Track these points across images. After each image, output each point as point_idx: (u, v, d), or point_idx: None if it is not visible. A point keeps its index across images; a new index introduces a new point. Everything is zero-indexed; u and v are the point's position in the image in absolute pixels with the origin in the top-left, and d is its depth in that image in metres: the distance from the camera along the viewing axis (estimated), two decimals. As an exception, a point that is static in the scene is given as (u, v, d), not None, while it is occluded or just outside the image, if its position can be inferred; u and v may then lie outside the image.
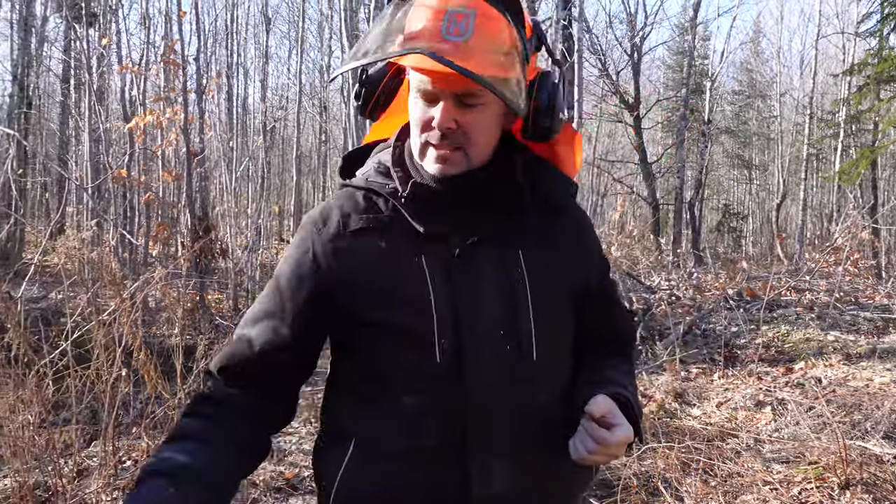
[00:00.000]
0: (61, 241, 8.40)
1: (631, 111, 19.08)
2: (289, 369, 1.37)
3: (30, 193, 17.74)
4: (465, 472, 1.25)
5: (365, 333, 1.29)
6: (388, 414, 1.28)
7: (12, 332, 3.80)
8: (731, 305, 8.41)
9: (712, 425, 4.89)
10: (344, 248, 1.31)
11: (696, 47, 21.65)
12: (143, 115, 8.75)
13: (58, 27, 19.92)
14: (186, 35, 14.82)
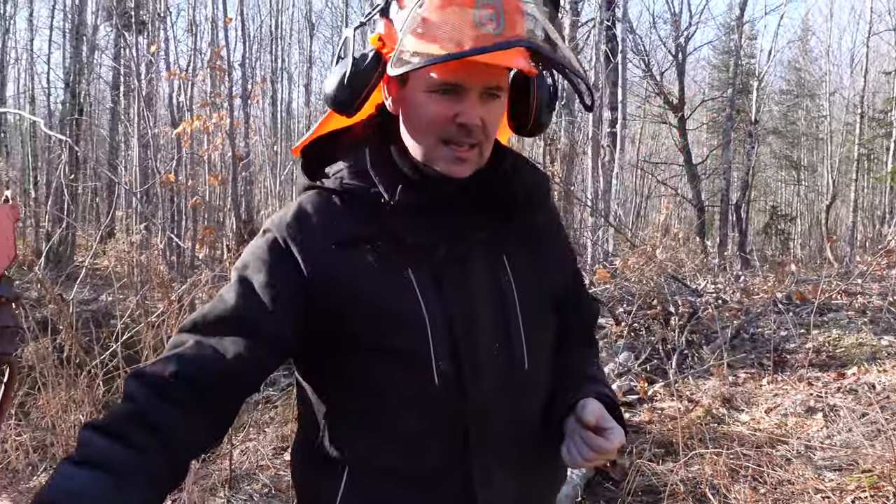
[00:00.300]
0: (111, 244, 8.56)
1: (675, 112, 18.84)
2: (250, 389, 1.25)
3: (81, 198, 18.15)
4: (469, 487, 1.25)
5: (355, 354, 1.22)
6: (386, 435, 1.23)
7: (64, 334, 3.89)
8: (780, 309, 8.23)
9: (761, 431, 4.79)
10: (330, 261, 1.21)
11: (743, 46, 21.31)
12: (189, 121, 8.89)
13: (108, 35, 20.42)
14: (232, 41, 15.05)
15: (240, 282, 1.22)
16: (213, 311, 1.20)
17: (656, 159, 25.90)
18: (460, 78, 1.17)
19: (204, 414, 1.13)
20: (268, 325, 1.18)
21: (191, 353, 1.16)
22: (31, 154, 18.38)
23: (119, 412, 1.10)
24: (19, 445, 3.58)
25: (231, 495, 3.77)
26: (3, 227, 1.15)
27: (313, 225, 1.23)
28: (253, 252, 1.24)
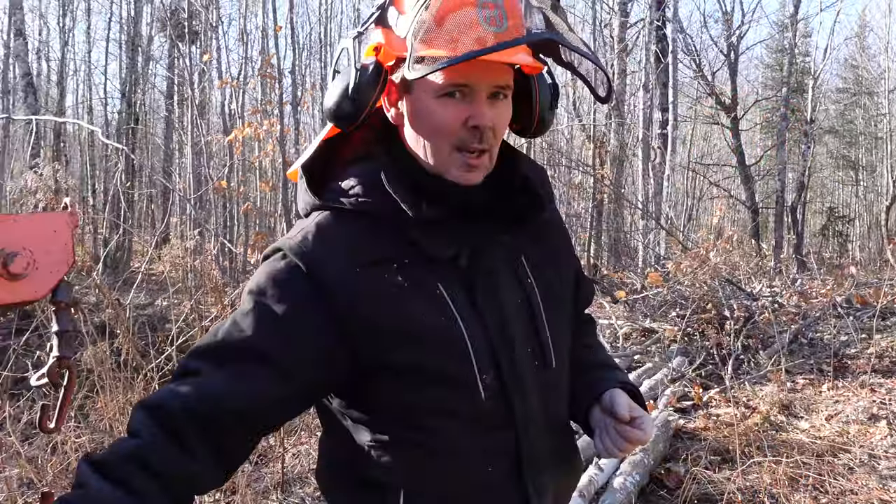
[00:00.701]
0: (166, 250, 8.75)
1: (728, 112, 18.51)
2: (265, 427, 1.20)
3: (137, 205, 18.56)
4: (525, 494, 1.24)
5: (396, 380, 1.17)
6: (437, 458, 1.19)
7: (121, 338, 3.96)
8: (840, 313, 8.01)
9: (822, 439, 4.66)
10: (357, 287, 1.14)
11: (797, 44, 20.84)
12: (241, 128, 9.03)
13: (162, 46, 20.88)
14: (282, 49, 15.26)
15: (257, 310, 1.13)
16: (229, 338, 1.13)
17: (708, 161, 25.47)
18: (469, 79, 1.15)
19: (212, 454, 1.08)
20: (289, 361, 1.12)
21: (202, 385, 1.09)
22: (90, 163, 18.87)
23: (121, 450, 1.06)
24: (78, 447, 3.66)
25: (283, 498, 3.80)
26: (62, 234, 1.16)
27: (334, 248, 1.16)
28: (271, 277, 1.16)
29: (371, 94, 1.19)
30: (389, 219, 1.18)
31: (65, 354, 1.18)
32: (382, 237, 1.18)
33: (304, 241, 1.17)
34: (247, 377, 1.10)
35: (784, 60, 19.89)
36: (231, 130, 10.35)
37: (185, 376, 1.11)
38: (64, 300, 1.17)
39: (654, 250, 11.78)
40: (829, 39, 28.64)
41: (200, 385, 1.09)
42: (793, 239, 18.32)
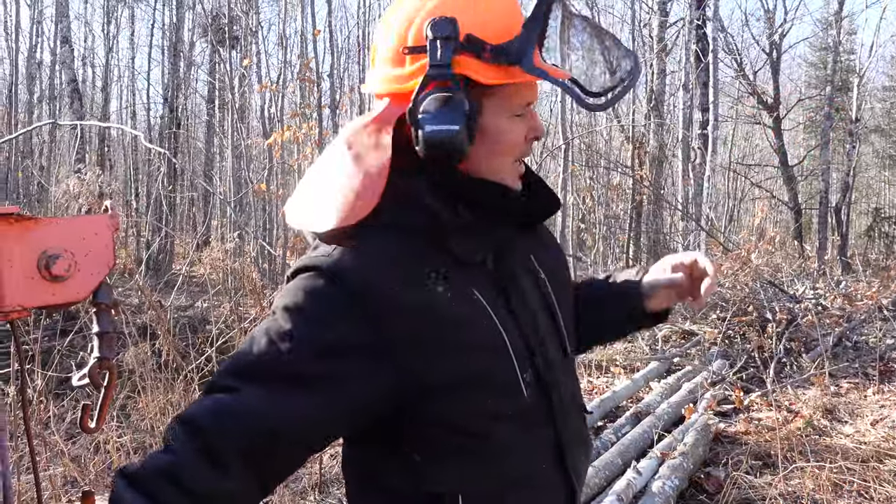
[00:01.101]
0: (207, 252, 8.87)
1: (770, 112, 18.24)
2: (309, 451, 1.17)
3: (179, 208, 18.84)
4: (569, 480, 1.28)
5: (446, 394, 1.14)
6: (491, 462, 1.20)
7: (163, 339, 4.02)
8: (886, 316, 7.83)
9: (867, 444, 4.57)
10: (405, 304, 1.11)
11: (842, 42, 20.43)
12: (280, 131, 9.12)
13: (203, 51, 21.20)
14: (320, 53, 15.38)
15: (297, 330, 1.09)
16: (267, 358, 1.09)
17: (750, 161, 25.10)
18: (535, 95, 1.22)
19: (248, 473, 1.06)
20: (330, 384, 1.09)
21: (239, 402, 1.06)
22: (133, 167, 19.24)
23: (155, 465, 1.04)
24: (120, 447, 3.72)
25: (321, 499, 3.82)
26: (103, 237, 1.18)
27: (376, 265, 1.12)
28: (310, 295, 1.11)
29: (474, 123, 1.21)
30: (427, 230, 1.17)
31: (105, 355, 1.20)
32: (420, 249, 1.17)
33: (343, 259, 1.12)
34: (286, 399, 1.07)
35: (828, 58, 19.53)
36: (270, 134, 10.47)
37: (222, 391, 1.08)
38: (105, 302, 1.19)
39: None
40: (875, 36, 28.05)
41: (238, 403, 1.06)
42: (837, 240, 17.97)
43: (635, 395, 5.87)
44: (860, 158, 24.20)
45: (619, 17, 18.60)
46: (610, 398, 5.44)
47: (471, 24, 1.13)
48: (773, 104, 18.01)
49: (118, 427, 3.94)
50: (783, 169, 18.45)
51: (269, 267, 11.20)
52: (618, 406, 5.49)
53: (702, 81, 13.20)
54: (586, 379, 6.40)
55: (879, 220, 25.40)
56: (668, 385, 5.85)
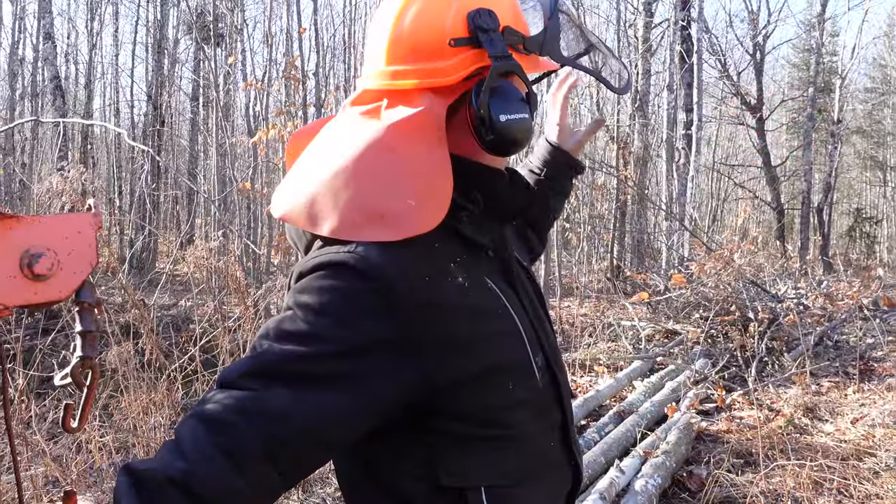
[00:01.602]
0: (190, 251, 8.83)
1: (753, 113, 18.36)
2: (331, 451, 1.15)
3: (162, 206, 18.76)
4: (576, 462, 1.33)
5: (471, 386, 1.14)
6: (512, 449, 1.20)
7: (146, 338, 4.00)
8: (867, 315, 7.92)
9: (847, 443, 4.61)
10: (431, 298, 1.10)
11: (824, 44, 20.62)
12: (265, 130, 9.08)
13: (188, 49, 21.12)
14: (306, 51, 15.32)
15: (321, 331, 1.06)
16: (288, 358, 1.05)
17: (733, 161, 25.28)
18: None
19: (265, 477, 1.02)
20: (359, 383, 1.06)
21: (263, 402, 1.02)
22: (116, 164, 19.13)
23: (165, 471, 0.98)
24: (102, 446, 3.70)
25: (304, 498, 3.82)
26: (86, 235, 1.17)
27: (399, 260, 1.09)
28: (334, 293, 1.08)
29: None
30: (444, 219, 1.14)
31: (88, 354, 1.19)
32: (438, 240, 1.15)
33: (369, 254, 1.08)
34: (312, 399, 1.04)
35: (811, 60, 19.70)
36: (255, 132, 10.42)
37: (234, 389, 1.03)
38: (87, 300, 1.19)
39: (678, 252, 11.70)
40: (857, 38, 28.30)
41: (262, 402, 1.02)
42: (819, 240, 18.13)
43: (619, 393, 5.90)
44: (842, 159, 24.43)
45: (605, 17, 18.67)
46: (593, 397, 5.47)
47: (504, 17, 1.17)
48: (757, 105, 18.13)
49: (100, 427, 3.92)
50: (766, 169, 18.59)
51: (253, 266, 11.17)
52: (601, 405, 5.52)
53: (686, 82, 13.28)
54: (570, 378, 6.42)
55: (860, 220, 25.68)
56: (651, 384, 5.89)
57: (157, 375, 4.01)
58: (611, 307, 10.50)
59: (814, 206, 18.11)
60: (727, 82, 18.77)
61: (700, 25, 12.75)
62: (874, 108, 29.44)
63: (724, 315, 7.36)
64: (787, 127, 26.12)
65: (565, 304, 11.24)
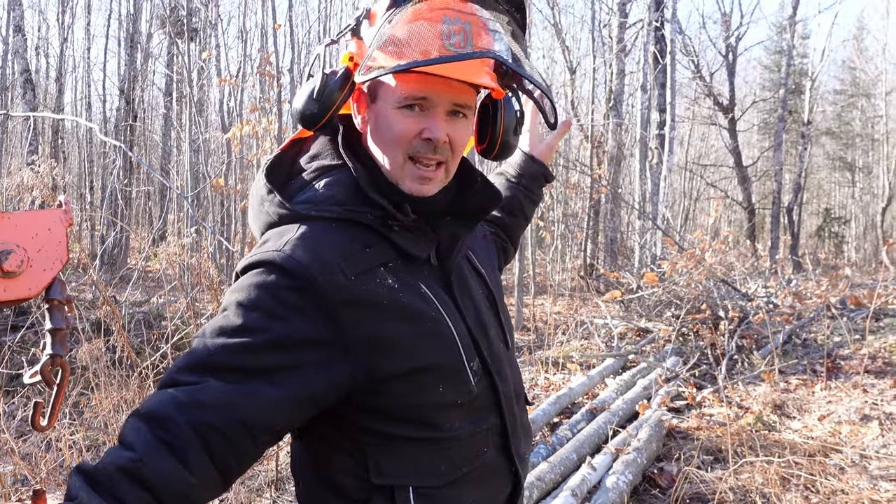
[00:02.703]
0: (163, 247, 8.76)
1: (725, 113, 18.57)
2: (266, 442, 1.15)
3: (134, 202, 18.55)
4: (513, 466, 1.35)
5: (398, 385, 1.18)
6: (442, 449, 1.24)
7: (117, 335, 3.97)
8: (834, 314, 8.05)
9: (814, 439, 4.69)
10: (356, 296, 1.15)
11: (795, 46, 20.86)
12: (239, 126, 9.02)
13: (161, 43, 20.90)
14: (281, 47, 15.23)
15: (251, 324, 1.11)
16: (223, 353, 1.10)
17: (705, 161, 25.53)
18: (428, 92, 1.19)
19: (209, 465, 1.06)
20: (288, 375, 1.11)
21: (199, 394, 1.07)
22: (87, 160, 18.88)
23: (114, 461, 1.02)
24: (72, 444, 3.67)
25: (277, 496, 3.81)
26: (56, 232, 1.17)
27: (327, 259, 1.15)
28: (264, 290, 1.13)
29: (336, 97, 1.23)
30: (375, 225, 1.22)
31: (58, 352, 1.18)
32: (369, 244, 1.21)
33: (295, 253, 1.15)
34: (245, 391, 1.08)
35: (782, 62, 19.93)
36: (229, 128, 10.35)
37: (175, 386, 1.08)
38: (58, 298, 1.18)
39: (651, 250, 11.80)
40: (827, 41, 28.73)
41: (198, 395, 1.06)
42: (788, 240, 18.38)
43: (591, 391, 5.94)
44: (811, 160, 24.76)
45: (580, 17, 18.77)
46: (566, 394, 5.51)
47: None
48: (729, 106, 18.34)
49: (70, 425, 3.88)
50: (737, 169, 18.81)
51: (226, 262, 11.10)
52: (574, 402, 5.56)
53: (659, 82, 13.39)
54: (543, 376, 6.46)
55: (829, 220, 26.08)
56: (623, 381, 5.94)
57: (128, 373, 3.97)
58: (584, 305, 10.57)
59: (784, 206, 18.35)
60: (700, 83, 18.98)
61: (673, 26, 12.85)
62: (843, 110, 29.88)
63: (695, 313, 7.44)
64: (758, 128, 26.41)
65: (539, 301, 11.30)
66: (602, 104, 15.55)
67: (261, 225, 1.29)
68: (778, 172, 17.91)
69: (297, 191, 1.27)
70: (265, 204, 1.27)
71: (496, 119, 1.35)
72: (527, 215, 1.79)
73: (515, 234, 1.76)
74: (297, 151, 1.36)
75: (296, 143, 1.37)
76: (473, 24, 1.16)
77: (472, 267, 1.39)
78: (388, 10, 1.17)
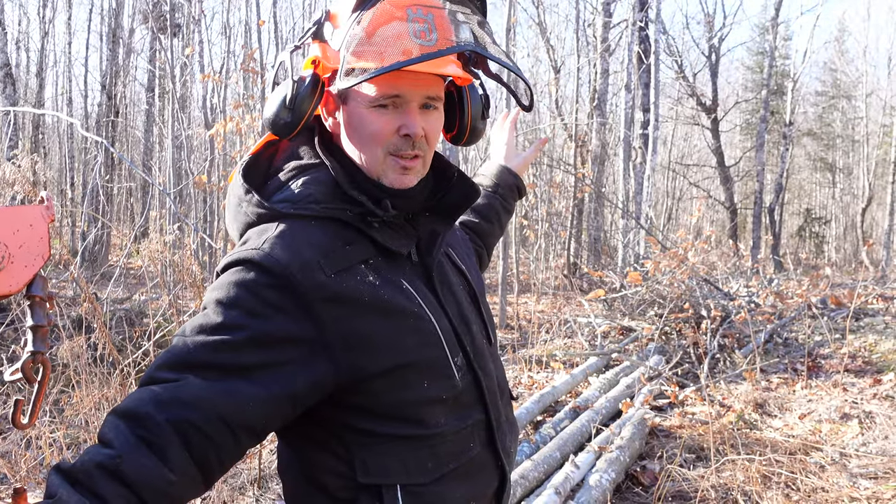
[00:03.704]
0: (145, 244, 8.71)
1: (708, 113, 18.69)
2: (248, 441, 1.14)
3: (116, 198, 18.43)
4: (499, 460, 1.35)
5: (381, 382, 1.19)
6: (428, 446, 1.24)
7: (98, 332, 3.93)
8: (815, 313, 8.12)
9: (795, 437, 4.73)
10: (337, 293, 1.15)
11: (778, 47, 21.02)
12: (223, 122, 8.97)
13: (144, 38, 20.73)
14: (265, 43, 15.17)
15: (232, 322, 1.11)
16: (203, 350, 1.10)
17: (688, 161, 25.69)
18: (400, 89, 1.20)
19: (189, 463, 1.05)
20: (269, 373, 1.11)
21: (179, 392, 1.06)
22: (69, 155, 18.70)
23: (93, 459, 1.02)
24: (53, 442, 3.64)
25: (260, 494, 3.80)
26: (38, 228, 1.16)
27: (306, 257, 1.15)
28: (243, 289, 1.13)
29: (308, 104, 1.23)
30: (354, 222, 1.22)
31: (39, 349, 1.17)
32: (349, 241, 1.22)
33: (275, 251, 1.15)
34: (226, 388, 1.08)
35: (764, 63, 20.08)
36: (213, 125, 10.30)
37: (154, 383, 1.08)
38: (39, 294, 1.17)
39: (634, 249, 11.85)
40: (809, 43, 28.95)
41: (178, 392, 1.06)
42: (770, 240, 18.52)
43: (574, 389, 5.96)
44: (793, 161, 24.98)
45: (564, 16, 18.81)
46: (549, 393, 5.52)
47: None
48: (712, 106, 18.46)
49: (51, 422, 3.85)
50: (720, 169, 18.93)
51: (209, 259, 11.04)
52: (557, 401, 5.58)
53: (643, 82, 13.44)
54: (527, 374, 6.48)
55: (810, 220, 26.31)
56: (606, 380, 5.96)
57: (109, 370, 3.94)
58: (567, 304, 10.60)
59: (766, 206, 18.49)
60: (683, 83, 19.08)
61: (657, 27, 12.92)
62: (824, 112, 30.15)
63: (677, 312, 7.48)
64: (740, 128, 26.62)
65: (523, 300, 11.32)
66: (586, 103, 15.60)
67: (239, 225, 1.28)
68: (760, 173, 18.04)
69: (275, 191, 1.27)
70: (243, 204, 1.26)
71: (463, 106, 1.37)
72: (501, 224, 1.82)
73: (490, 241, 1.77)
74: (272, 152, 1.35)
75: (270, 144, 1.36)
76: (437, 16, 1.17)
77: (452, 263, 1.40)
78: (354, 12, 1.17)
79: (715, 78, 18.89)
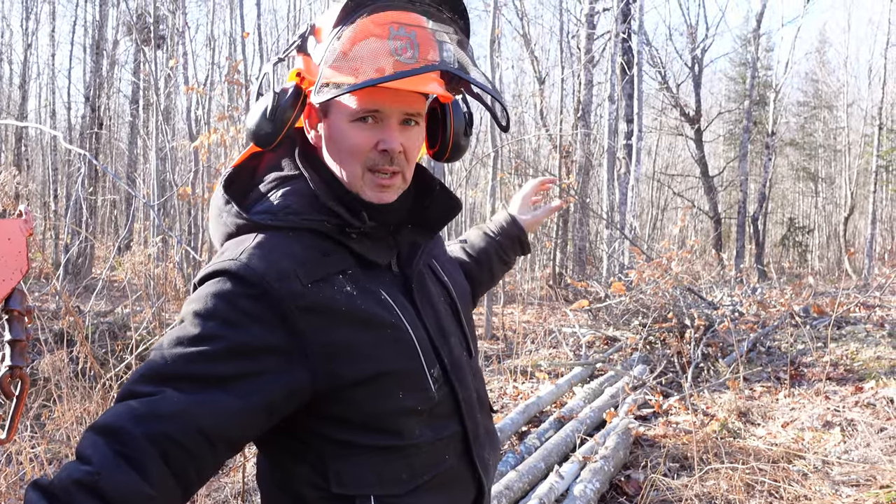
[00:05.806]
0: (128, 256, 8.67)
1: (692, 124, 18.82)
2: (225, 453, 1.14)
3: (100, 211, 18.31)
4: (475, 472, 1.35)
5: (357, 392, 1.19)
6: (403, 457, 1.24)
7: (80, 346, 3.91)
8: (797, 322, 8.18)
9: (777, 446, 4.75)
10: (314, 303, 1.16)
11: (760, 58, 21.23)
12: (207, 134, 8.96)
13: (128, 50, 20.68)
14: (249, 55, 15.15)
15: (209, 334, 1.11)
16: (181, 363, 1.09)
17: (672, 171, 25.85)
18: (380, 105, 1.21)
19: (168, 478, 1.05)
20: (247, 384, 1.11)
21: (157, 406, 1.06)
22: (52, 167, 18.60)
23: (71, 476, 1.01)
24: (34, 457, 3.60)
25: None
26: (16, 242, 1.16)
27: (284, 267, 1.15)
28: (221, 300, 1.13)
29: (289, 116, 1.25)
30: (332, 233, 1.23)
31: (17, 364, 1.17)
32: (327, 252, 1.23)
33: (251, 262, 1.15)
34: (203, 400, 1.08)
35: (747, 74, 20.26)
36: (197, 136, 10.27)
37: (133, 398, 1.07)
38: (17, 308, 1.17)
39: (618, 259, 11.90)
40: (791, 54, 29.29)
41: (155, 406, 1.05)
42: (754, 249, 18.64)
43: (559, 399, 5.97)
44: (776, 170, 25.18)
45: (548, 28, 18.92)
46: (534, 403, 5.52)
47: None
48: (695, 116, 18.59)
49: (31, 437, 3.81)
50: (704, 179, 19.05)
51: (193, 272, 10.98)
52: (542, 411, 5.58)
53: (627, 93, 13.54)
54: (512, 384, 6.48)
55: (793, 229, 26.50)
56: (591, 390, 5.97)
57: (91, 384, 3.92)
58: (552, 314, 10.63)
59: (749, 216, 18.61)
60: (667, 94, 19.22)
61: (641, 38, 13.02)
62: (806, 122, 30.45)
63: (661, 322, 7.51)
64: (723, 138, 26.81)
65: (508, 310, 11.33)
66: (570, 114, 15.68)
67: (220, 236, 1.29)
68: (743, 182, 18.17)
69: (255, 202, 1.29)
70: (223, 215, 1.27)
71: (446, 122, 1.38)
72: (493, 272, 1.82)
73: (478, 288, 1.77)
74: (256, 164, 1.36)
75: (255, 155, 1.38)
76: (419, 34, 1.18)
77: (435, 276, 1.41)
78: (335, 27, 1.18)
79: (698, 89, 19.04)
